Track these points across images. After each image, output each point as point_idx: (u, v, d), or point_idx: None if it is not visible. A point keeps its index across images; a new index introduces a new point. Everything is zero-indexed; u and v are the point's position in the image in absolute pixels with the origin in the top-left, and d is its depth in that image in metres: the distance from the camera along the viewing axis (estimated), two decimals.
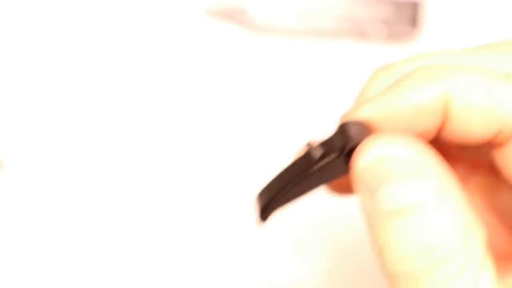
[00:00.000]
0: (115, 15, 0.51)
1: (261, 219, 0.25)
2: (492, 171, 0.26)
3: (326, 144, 0.23)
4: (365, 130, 0.22)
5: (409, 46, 0.50)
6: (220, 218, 0.46)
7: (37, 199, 0.46)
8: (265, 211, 0.24)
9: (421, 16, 0.50)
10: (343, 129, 0.22)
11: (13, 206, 0.46)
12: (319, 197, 0.29)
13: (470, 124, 0.22)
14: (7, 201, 0.46)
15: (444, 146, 0.26)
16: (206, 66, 0.50)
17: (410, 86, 0.22)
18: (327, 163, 0.22)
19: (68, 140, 0.48)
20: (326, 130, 0.24)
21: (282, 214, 0.47)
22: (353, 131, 0.22)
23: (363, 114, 0.22)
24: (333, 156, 0.22)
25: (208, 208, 0.46)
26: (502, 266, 0.23)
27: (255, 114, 0.49)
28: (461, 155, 0.27)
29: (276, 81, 0.50)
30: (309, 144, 0.23)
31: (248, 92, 0.49)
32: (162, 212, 0.46)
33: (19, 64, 0.50)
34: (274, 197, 0.24)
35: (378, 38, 0.50)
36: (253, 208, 0.25)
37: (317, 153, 0.23)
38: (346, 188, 0.26)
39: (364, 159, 0.21)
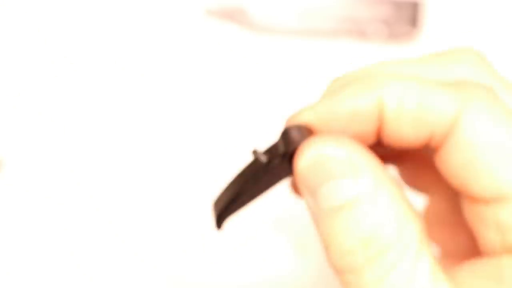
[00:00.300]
0: (115, 15, 0.51)
1: (218, 225, 0.26)
2: None
3: (271, 150, 0.24)
4: (306, 133, 0.24)
5: (409, 46, 0.50)
6: None
7: (37, 199, 0.46)
8: (221, 217, 0.26)
9: (421, 16, 0.50)
10: (285, 134, 0.24)
11: (13, 206, 0.46)
12: None
13: (402, 129, 0.23)
14: (7, 201, 0.46)
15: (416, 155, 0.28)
16: (206, 66, 0.50)
17: (346, 93, 0.23)
18: (273, 167, 0.24)
19: (68, 140, 0.48)
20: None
21: (280, 215, 0.47)
22: (294, 136, 0.23)
23: (304, 118, 0.24)
24: (277, 160, 0.24)
25: (208, 208, 0.46)
26: (457, 265, 0.24)
27: (255, 114, 0.49)
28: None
29: (276, 81, 0.50)
30: (254, 152, 0.24)
31: (248, 92, 0.49)
32: (162, 212, 0.46)
33: (19, 64, 0.50)
34: (228, 204, 0.25)
35: (378, 38, 0.50)
36: (211, 215, 0.26)
37: (264, 159, 0.24)
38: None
39: (303, 161, 0.22)
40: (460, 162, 0.22)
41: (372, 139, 0.24)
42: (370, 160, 0.22)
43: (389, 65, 0.25)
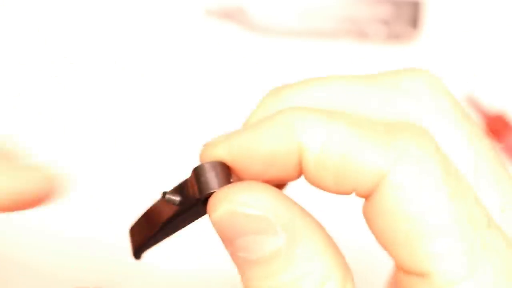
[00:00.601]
0: (115, 15, 0.51)
1: (136, 257, 0.26)
2: None
3: (183, 189, 0.23)
4: (221, 174, 0.22)
5: (409, 46, 0.50)
6: None
7: None
8: (139, 251, 0.26)
9: (421, 16, 0.50)
10: (198, 175, 0.22)
11: None
12: (317, 198, 0.28)
13: (323, 179, 0.21)
14: None
15: None
16: (206, 66, 0.50)
17: (266, 132, 0.21)
18: (185, 209, 0.23)
19: (68, 140, 0.48)
20: None
21: None
22: (207, 179, 0.22)
23: (218, 153, 0.22)
24: (190, 204, 0.23)
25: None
26: None
27: None
28: None
29: (276, 81, 0.49)
30: (164, 194, 0.23)
31: (248, 92, 0.49)
32: None
33: (19, 64, 0.50)
34: (145, 239, 0.25)
35: (378, 38, 0.50)
36: (128, 241, 0.26)
37: (175, 199, 0.23)
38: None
39: (216, 214, 0.21)
40: (382, 226, 0.21)
41: (294, 177, 0.22)
42: (288, 213, 0.21)
43: (328, 84, 0.23)
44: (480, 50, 0.51)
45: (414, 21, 0.50)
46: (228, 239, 0.21)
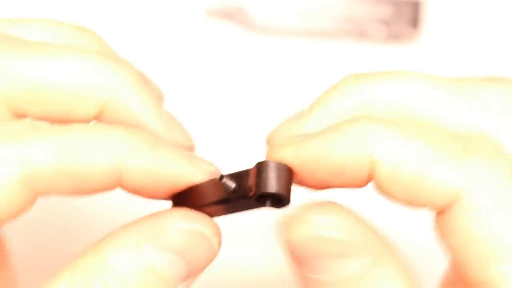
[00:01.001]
0: (115, 15, 0.51)
1: None
2: None
3: (239, 178, 0.23)
4: (283, 175, 0.22)
5: (409, 46, 0.50)
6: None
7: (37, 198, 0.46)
8: None
9: (421, 16, 0.50)
10: (259, 170, 0.22)
11: None
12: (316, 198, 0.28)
13: (393, 194, 0.21)
14: None
15: None
16: (206, 66, 0.50)
17: (339, 142, 0.21)
18: (236, 198, 0.23)
19: None
20: None
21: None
22: (267, 176, 0.22)
23: (286, 157, 0.22)
24: (242, 194, 0.23)
25: None
26: None
27: (255, 114, 0.49)
28: None
29: (276, 81, 0.50)
30: (222, 176, 0.23)
31: (248, 92, 0.49)
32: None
33: None
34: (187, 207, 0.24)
35: (378, 38, 0.50)
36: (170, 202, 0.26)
37: (230, 185, 0.23)
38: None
39: (293, 236, 0.21)
40: (453, 243, 0.21)
41: (360, 186, 0.22)
42: (369, 235, 0.21)
43: (409, 82, 0.23)
44: (480, 50, 0.51)
45: (414, 21, 0.50)
46: (301, 261, 0.21)
